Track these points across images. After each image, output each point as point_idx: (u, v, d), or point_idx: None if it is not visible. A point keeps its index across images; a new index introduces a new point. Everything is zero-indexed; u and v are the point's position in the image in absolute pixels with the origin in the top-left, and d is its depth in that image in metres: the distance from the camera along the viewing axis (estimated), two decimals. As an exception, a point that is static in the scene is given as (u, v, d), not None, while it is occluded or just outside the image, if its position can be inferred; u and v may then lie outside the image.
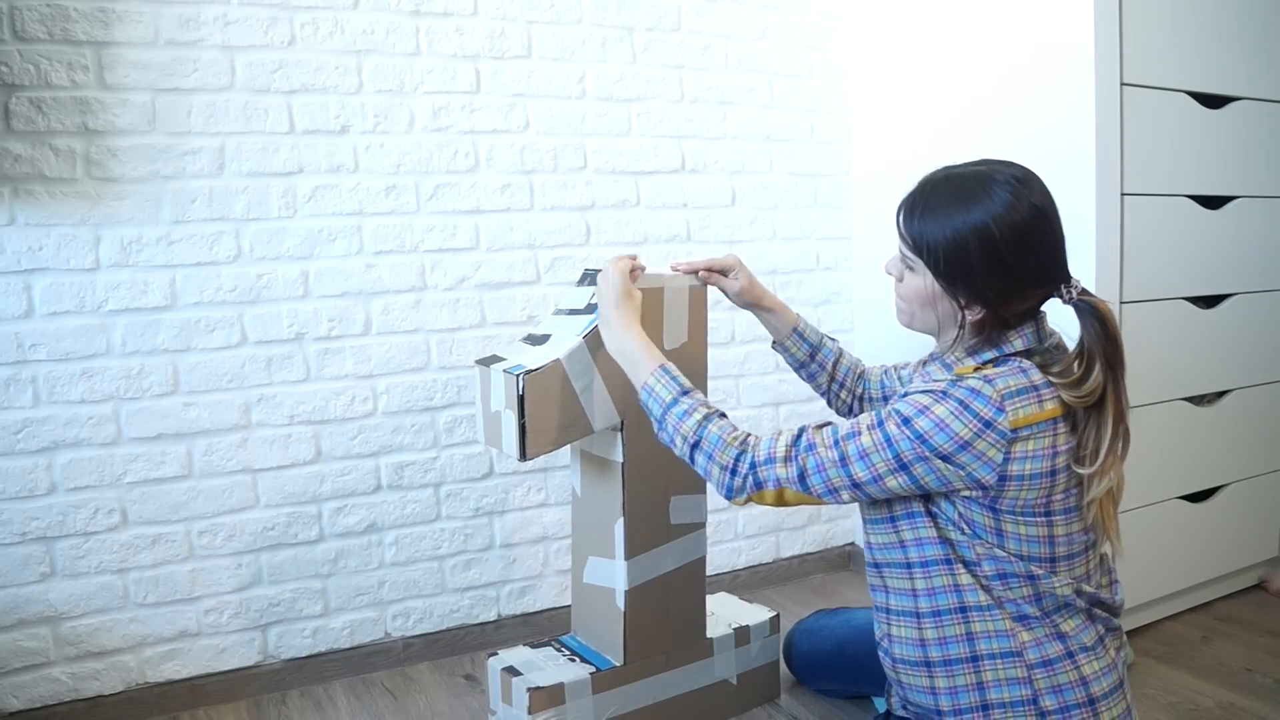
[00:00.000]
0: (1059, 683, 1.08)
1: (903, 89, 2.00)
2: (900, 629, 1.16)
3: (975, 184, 1.08)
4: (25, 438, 1.49)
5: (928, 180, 1.14)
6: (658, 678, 1.48)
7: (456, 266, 1.78)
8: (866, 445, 1.08)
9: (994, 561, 1.08)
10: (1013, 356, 1.09)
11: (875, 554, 1.19)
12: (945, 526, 1.10)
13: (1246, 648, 1.78)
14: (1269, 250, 1.93)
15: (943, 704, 1.13)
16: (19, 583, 1.50)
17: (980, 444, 1.03)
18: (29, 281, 1.47)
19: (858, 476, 1.08)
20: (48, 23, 1.45)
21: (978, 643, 1.10)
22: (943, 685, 1.12)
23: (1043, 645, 1.08)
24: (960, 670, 1.11)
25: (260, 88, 1.60)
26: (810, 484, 1.10)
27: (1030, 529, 1.07)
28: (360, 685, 1.72)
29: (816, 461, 1.10)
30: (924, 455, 1.04)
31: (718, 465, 1.14)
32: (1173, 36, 1.70)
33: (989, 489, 1.05)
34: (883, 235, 2.10)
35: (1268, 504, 2.02)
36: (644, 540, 1.43)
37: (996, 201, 1.06)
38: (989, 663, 1.09)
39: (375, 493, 1.75)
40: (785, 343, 1.50)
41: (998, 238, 1.05)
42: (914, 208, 1.13)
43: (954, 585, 1.10)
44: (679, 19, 1.95)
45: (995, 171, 1.09)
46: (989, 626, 1.09)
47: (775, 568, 2.18)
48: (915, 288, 1.15)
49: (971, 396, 1.03)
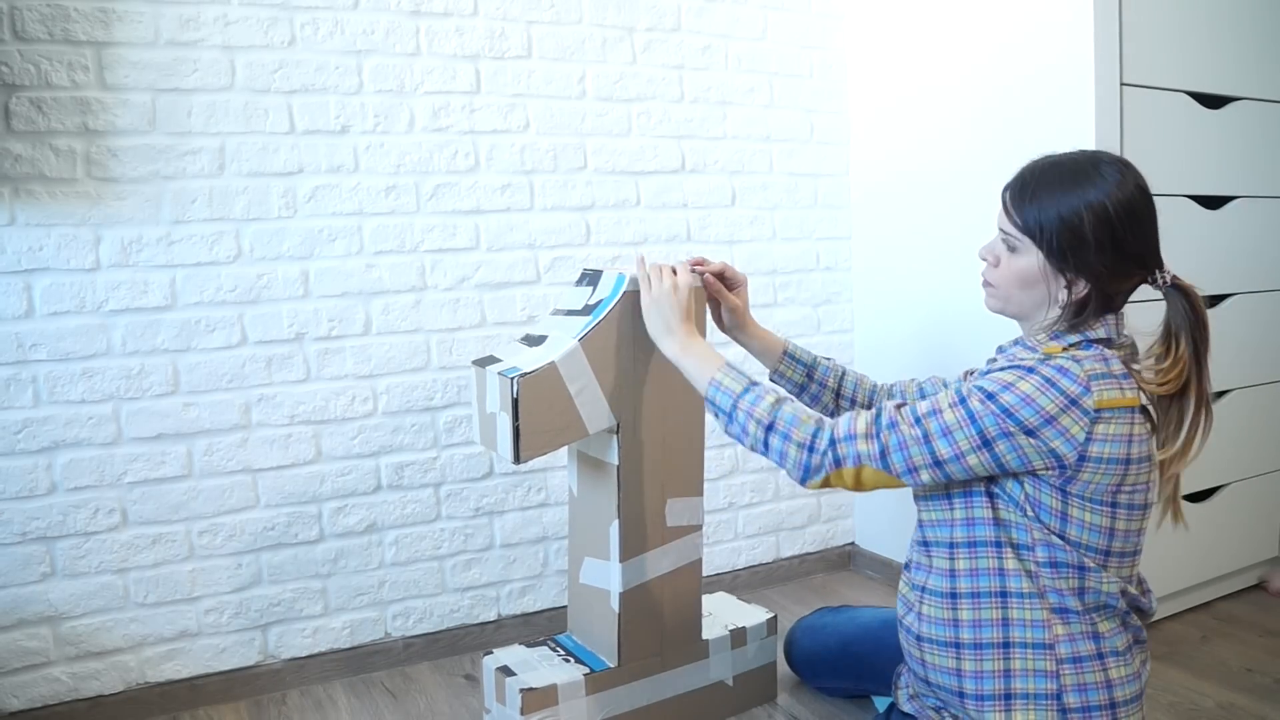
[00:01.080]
0: (1085, 682, 1.09)
1: (903, 89, 2.01)
2: (932, 608, 1.17)
3: (1085, 165, 1.11)
4: (25, 438, 1.49)
5: (1033, 165, 1.16)
6: (652, 679, 1.48)
7: (456, 266, 1.78)
8: (950, 422, 1.07)
9: (1048, 548, 1.09)
10: (1095, 343, 1.11)
11: (925, 531, 1.20)
12: (1004, 508, 1.11)
13: (1246, 648, 1.78)
14: (1269, 250, 1.93)
15: (966, 686, 1.13)
16: (19, 582, 1.50)
17: (1065, 419, 1.03)
18: (29, 281, 1.48)
19: (940, 454, 1.07)
20: (48, 23, 1.45)
21: (1012, 629, 1.10)
22: (969, 668, 1.13)
23: (1075, 642, 1.09)
24: (989, 655, 1.12)
25: (260, 88, 1.60)
26: (891, 461, 1.09)
27: (1095, 517, 1.08)
28: (360, 685, 1.72)
29: (899, 439, 1.08)
30: (1008, 431, 1.04)
31: (794, 444, 1.11)
32: (1173, 36, 1.70)
33: (1067, 467, 1.05)
34: (883, 235, 2.11)
35: (1268, 504, 2.02)
36: (639, 542, 1.43)
37: (1108, 180, 1.09)
38: (1019, 651, 1.10)
39: (375, 493, 1.75)
40: (779, 367, 1.45)
41: (1111, 213, 1.07)
42: (1024, 189, 1.14)
43: (999, 569, 1.11)
44: (679, 19, 1.95)
45: (1100, 155, 1.13)
46: (1026, 615, 1.10)
47: (775, 568, 2.18)
48: (1017, 268, 1.14)
49: (1059, 374, 1.05)
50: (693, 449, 1.48)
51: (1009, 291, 1.17)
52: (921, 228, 1.99)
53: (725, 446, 2.08)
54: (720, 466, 2.08)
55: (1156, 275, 1.11)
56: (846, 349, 2.22)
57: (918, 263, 2.01)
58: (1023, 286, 1.15)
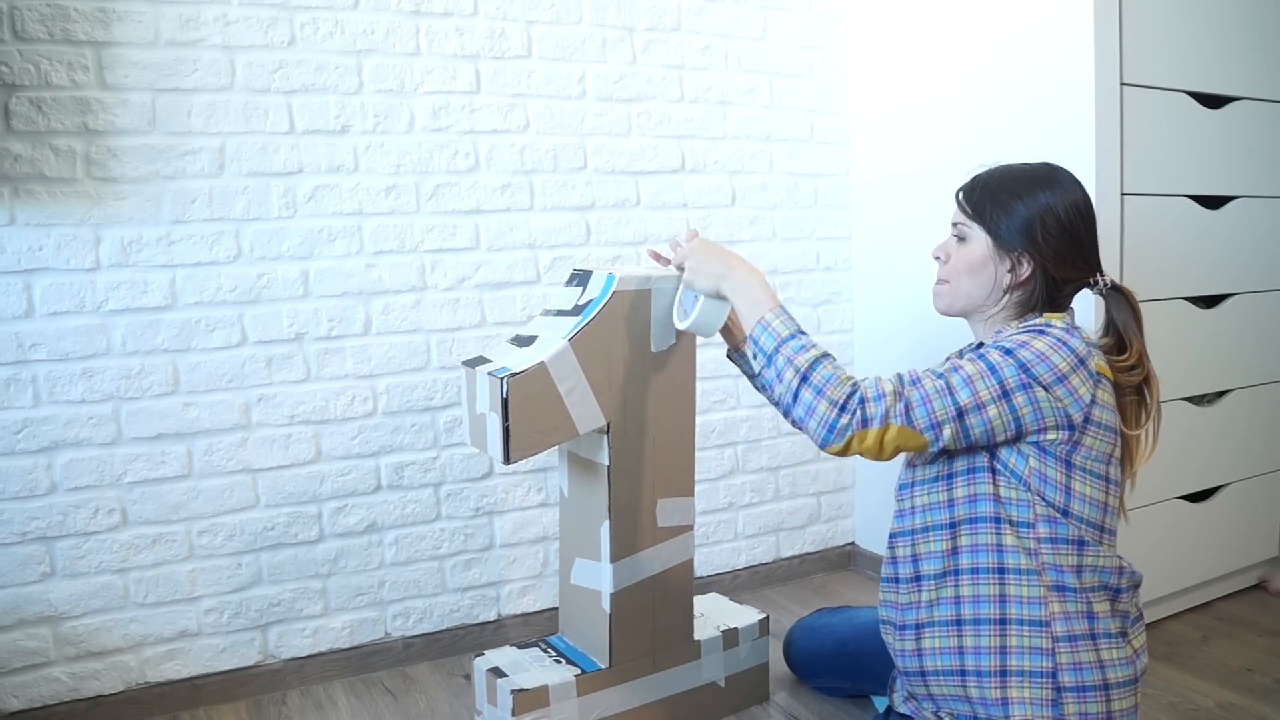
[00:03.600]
0: (1079, 660, 1.11)
1: (903, 89, 2.00)
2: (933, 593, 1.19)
3: (1037, 167, 1.21)
4: (25, 438, 1.49)
5: (986, 170, 1.24)
6: (644, 680, 1.48)
7: (456, 266, 1.78)
8: (971, 372, 1.10)
9: (1050, 523, 1.12)
10: None
11: (917, 518, 1.22)
12: (1006, 485, 1.14)
13: (1246, 648, 1.78)
14: (1269, 250, 1.93)
15: (968, 663, 1.15)
16: (19, 582, 1.50)
17: (1075, 379, 1.09)
18: (29, 281, 1.48)
19: (963, 402, 1.09)
20: (48, 23, 1.45)
21: (1009, 605, 1.13)
22: (969, 644, 1.15)
23: (1070, 620, 1.11)
24: (987, 631, 1.13)
25: (260, 88, 1.60)
26: (915, 416, 1.09)
27: (1094, 491, 1.13)
28: (360, 685, 1.72)
29: (922, 393, 1.10)
30: (1026, 383, 1.08)
31: (827, 399, 1.10)
32: (1173, 36, 1.70)
33: (1075, 428, 1.10)
34: (883, 235, 2.11)
35: (1268, 504, 2.02)
36: (630, 543, 1.43)
37: (1063, 179, 1.19)
38: (1015, 628, 1.12)
39: (375, 493, 1.75)
40: (741, 346, 1.39)
41: (1056, 202, 1.17)
42: (974, 184, 1.23)
43: (997, 545, 1.14)
44: (679, 19, 1.95)
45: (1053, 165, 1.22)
46: (1023, 592, 1.12)
47: (775, 568, 2.18)
48: (965, 255, 1.22)
49: (1067, 334, 1.12)
50: (683, 449, 1.48)
51: (958, 283, 1.23)
52: (922, 228, 1.98)
53: (725, 446, 2.08)
54: (720, 466, 2.08)
55: (1098, 278, 1.20)
56: (846, 349, 2.22)
57: (918, 263, 2.00)
58: (971, 273, 1.21)
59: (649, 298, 1.39)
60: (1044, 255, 1.16)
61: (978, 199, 1.21)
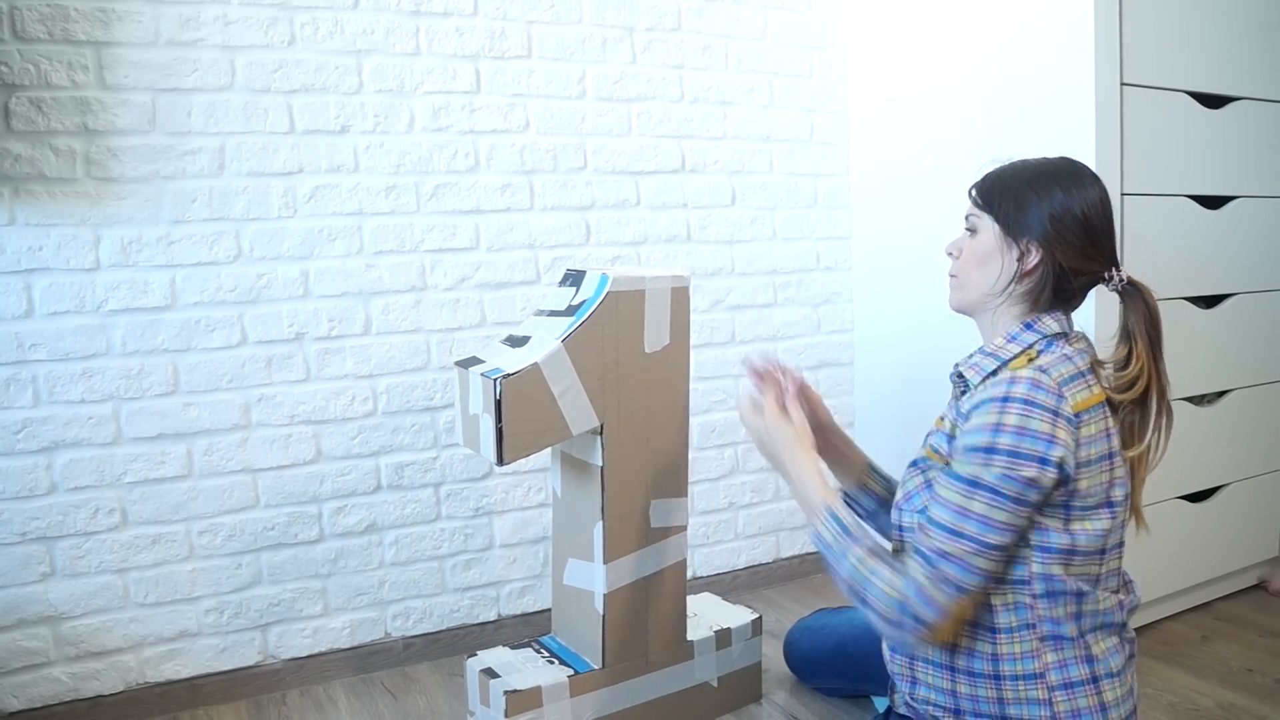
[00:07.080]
0: (1078, 707, 1.08)
1: (903, 89, 2.00)
2: None
3: (1056, 161, 1.18)
4: (25, 438, 1.49)
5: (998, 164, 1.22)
6: (637, 680, 1.48)
7: (456, 266, 1.78)
8: (981, 512, 1.04)
9: (1046, 580, 1.08)
10: (1053, 339, 1.13)
11: None
12: None
13: (1246, 648, 1.77)
14: (1269, 250, 1.93)
15: (963, 705, 1.13)
16: (19, 582, 1.50)
17: (1060, 432, 1.04)
18: (29, 281, 1.48)
19: (997, 541, 1.04)
20: (48, 23, 1.45)
21: (1001, 664, 1.10)
22: (964, 691, 1.13)
23: (1068, 667, 1.09)
24: (982, 683, 1.12)
25: (260, 88, 1.60)
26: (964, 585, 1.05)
27: (1097, 522, 1.08)
28: (360, 685, 1.72)
29: (958, 565, 1.05)
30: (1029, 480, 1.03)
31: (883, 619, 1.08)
32: (1173, 36, 1.70)
33: (1071, 479, 1.05)
34: (883, 235, 2.11)
35: (1268, 504, 2.02)
36: (623, 544, 1.43)
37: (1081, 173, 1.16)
38: (1010, 683, 1.10)
39: (375, 493, 1.75)
40: (864, 480, 1.40)
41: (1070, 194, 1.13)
42: (987, 176, 1.21)
43: (987, 604, 1.10)
44: (679, 19, 1.95)
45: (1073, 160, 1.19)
46: (1015, 649, 1.10)
47: (775, 568, 2.18)
48: (975, 247, 1.19)
49: (1033, 390, 1.05)
50: (677, 450, 1.48)
51: (967, 276, 1.21)
52: (921, 228, 1.98)
53: (725, 447, 2.08)
54: (720, 466, 2.08)
55: (1113, 273, 1.14)
56: (846, 349, 2.22)
57: (918, 263, 2.01)
58: (980, 264, 1.18)
59: (643, 299, 1.39)
60: (1052, 243, 1.12)
61: (988, 189, 1.19)
